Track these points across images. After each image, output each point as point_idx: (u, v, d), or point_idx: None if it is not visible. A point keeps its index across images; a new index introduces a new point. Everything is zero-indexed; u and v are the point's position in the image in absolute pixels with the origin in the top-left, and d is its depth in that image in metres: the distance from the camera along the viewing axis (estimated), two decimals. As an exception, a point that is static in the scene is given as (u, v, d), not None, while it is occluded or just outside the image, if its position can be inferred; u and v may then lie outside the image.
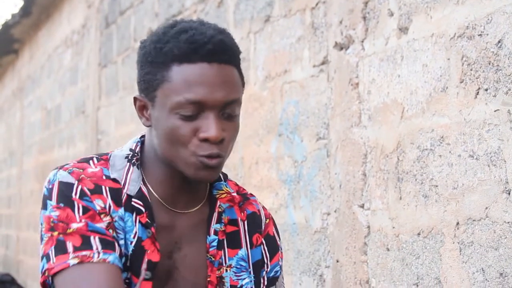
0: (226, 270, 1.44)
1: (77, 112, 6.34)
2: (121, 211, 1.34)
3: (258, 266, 1.48)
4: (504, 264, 1.68)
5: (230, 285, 1.44)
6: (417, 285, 2.01)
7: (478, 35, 1.77)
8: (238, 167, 3.22)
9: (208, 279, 1.41)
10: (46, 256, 1.28)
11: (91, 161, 1.38)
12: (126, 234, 1.35)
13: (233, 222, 1.47)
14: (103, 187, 1.34)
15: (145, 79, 1.36)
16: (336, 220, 2.44)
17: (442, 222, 1.90)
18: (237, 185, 1.53)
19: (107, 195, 1.34)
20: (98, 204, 1.32)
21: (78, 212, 1.30)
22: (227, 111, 1.34)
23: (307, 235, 2.64)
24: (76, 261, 1.25)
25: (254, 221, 1.50)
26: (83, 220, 1.29)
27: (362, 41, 2.31)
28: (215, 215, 1.44)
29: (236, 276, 1.45)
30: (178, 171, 1.36)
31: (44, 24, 8.15)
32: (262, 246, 1.50)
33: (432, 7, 1.96)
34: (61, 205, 1.30)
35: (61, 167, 1.35)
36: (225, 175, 1.50)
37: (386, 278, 2.16)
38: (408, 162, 2.06)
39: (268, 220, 1.53)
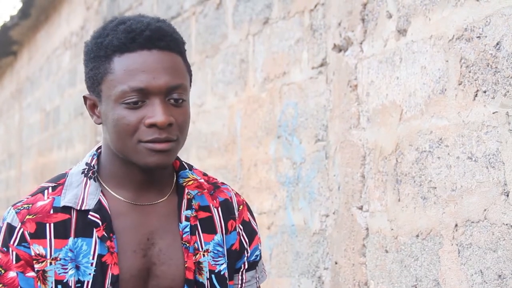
0: (204, 255, 1.44)
1: (76, 114, 6.34)
2: (69, 242, 1.36)
3: (232, 252, 1.49)
4: (502, 266, 1.68)
5: (209, 270, 1.44)
6: (416, 287, 2.01)
7: (477, 37, 1.77)
8: (236, 169, 3.22)
9: (185, 265, 1.41)
10: None
11: (46, 191, 1.40)
12: (81, 260, 1.36)
13: (205, 208, 1.47)
14: (47, 226, 1.36)
15: (90, 76, 1.39)
16: (334, 222, 2.44)
17: (441, 224, 1.90)
18: (205, 174, 1.53)
19: (50, 235, 1.36)
20: (35, 249, 1.35)
21: (13, 260, 1.35)
22: (173, 96, 1.35)
23: (305, 237, 2.64)
24: None
25: (227, 208, 1.50)
26: (14, 271, 1.34)
27: (361, 43, 2.31)
28: (185, 201, 1.44)
29: (214, 261, 1.45)
30: (136, 165, 1.37)
31: (43, 26, 8.15)
32: (239, 232, 1.50)
33: (431, 9, 1.97)
34: (4, 249, 1.36)
35: (14, 204, 1.39)
36: (190, 165, 1.51)
37: (384, 280, 2.16)
38: (406, 164, 2.06)
39: (241, 206, 1.53)
